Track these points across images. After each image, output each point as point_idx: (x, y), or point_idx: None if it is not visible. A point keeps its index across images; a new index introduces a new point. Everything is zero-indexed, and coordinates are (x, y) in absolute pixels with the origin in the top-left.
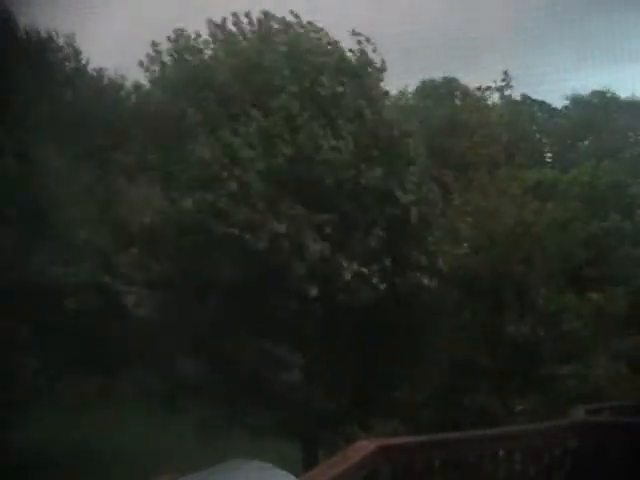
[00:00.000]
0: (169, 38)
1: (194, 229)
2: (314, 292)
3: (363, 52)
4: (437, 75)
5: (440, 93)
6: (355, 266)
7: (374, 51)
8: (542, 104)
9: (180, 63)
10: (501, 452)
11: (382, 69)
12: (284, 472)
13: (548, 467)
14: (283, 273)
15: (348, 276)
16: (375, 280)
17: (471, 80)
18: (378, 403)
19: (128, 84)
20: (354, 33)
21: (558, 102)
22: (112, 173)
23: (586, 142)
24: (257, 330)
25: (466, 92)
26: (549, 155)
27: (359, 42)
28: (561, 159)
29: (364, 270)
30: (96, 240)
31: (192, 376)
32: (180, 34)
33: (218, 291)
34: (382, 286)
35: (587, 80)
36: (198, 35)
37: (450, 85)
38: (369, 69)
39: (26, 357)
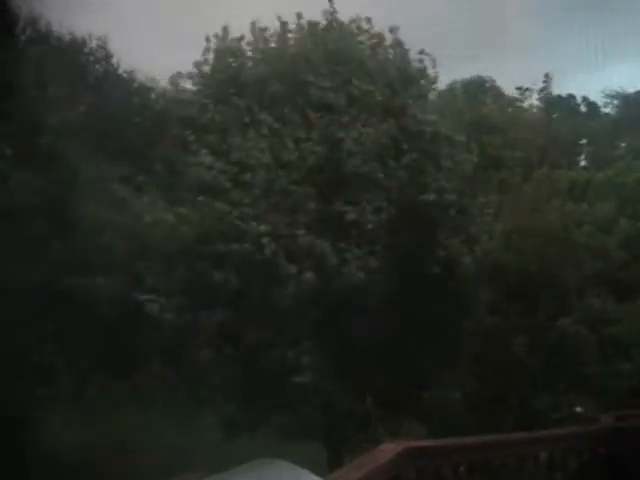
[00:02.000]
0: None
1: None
2: (311, 282)
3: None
4: (466, 74)
5: (470, 92)
6: (343, 246)
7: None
8: (589, 104)
9: (217, 67)
10: (528, 456)
11: (434, 80)
12: (309, 473)
13: (576, 472)
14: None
15: (333, 261)
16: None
17: (502, 79)
18: (405, 405)
19: (159, 86)
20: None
21: (599, 100)
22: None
23: (624, 143)
24: (279, 332)
25: (497, 92)
26: (584, 156)
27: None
28: (598, 159)
29: (355, 250)
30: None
31: (217, 378)
32: (218, 37)
33: (232, 297)
34: (374, 264)
35: (622, 76)
36: (236, 38)
37: (480, 85)
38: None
39: (53, 357)
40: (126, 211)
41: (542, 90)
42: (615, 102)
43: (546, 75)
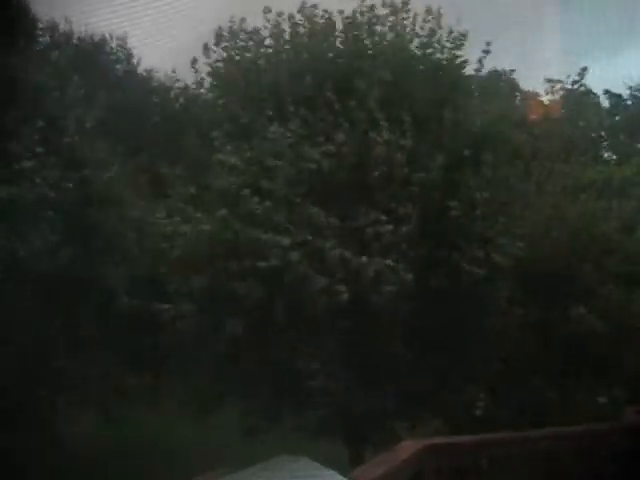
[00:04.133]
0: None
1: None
2: (344, 296)
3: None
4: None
5: (489, 85)
6: (379, 260)
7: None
8: (612, 96)
9: (227, 64)
10: (550, 452)
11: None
12: (330, 470)
13: (597, 467)
14: (302, 286)
15: (371, 272)
16: (404, 274)
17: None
18: (426, 402)
19: (178, 85)
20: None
21: (623, 92)
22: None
23: None
24: (296, 330)
25: (515, 85)
26: (607, 150)
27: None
28: (620, 153)
29: (390, 263)
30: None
31: (236, 377)
32: (226, 34)
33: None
34: (409, 277)
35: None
36: (246, 32)
37: (497, 78)
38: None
39: (72, 356)
40: (148, 215)
41: (574, 83)
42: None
43: (583, 69)
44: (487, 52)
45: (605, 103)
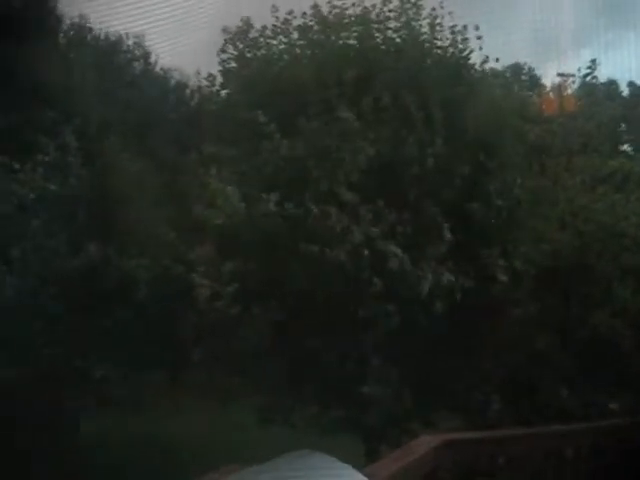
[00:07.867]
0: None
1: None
2: (390, 307)
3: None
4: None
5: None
6: (431, 276)
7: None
8: (632, 88)
9: (243, 60)
10: (566, 448)
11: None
12: (347, 465)
13: (615, 462)
14: (358, 286)
15: (426, 288)
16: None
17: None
18: (443, 399)
19: (192, 83)
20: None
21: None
22: (186, 171)
23: None
24: (321, 328)
25: (534, 79)
26: (627, 143)
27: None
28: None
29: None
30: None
31: (256, 371)
32: (244, 29)
33: (289, 293)
34: (458, 295)
35: None
36: (264, 28)
37: (517, 71)
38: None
39: (92, 354)
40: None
41: (586, 76)
42: None
43: (592, 61)
44: (479, 37)
45: (625, 94)
